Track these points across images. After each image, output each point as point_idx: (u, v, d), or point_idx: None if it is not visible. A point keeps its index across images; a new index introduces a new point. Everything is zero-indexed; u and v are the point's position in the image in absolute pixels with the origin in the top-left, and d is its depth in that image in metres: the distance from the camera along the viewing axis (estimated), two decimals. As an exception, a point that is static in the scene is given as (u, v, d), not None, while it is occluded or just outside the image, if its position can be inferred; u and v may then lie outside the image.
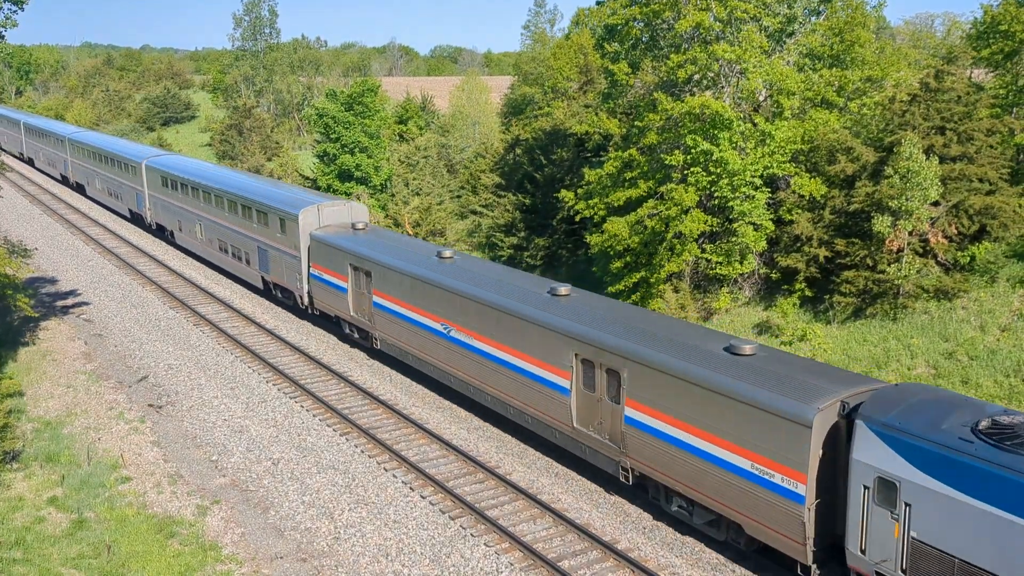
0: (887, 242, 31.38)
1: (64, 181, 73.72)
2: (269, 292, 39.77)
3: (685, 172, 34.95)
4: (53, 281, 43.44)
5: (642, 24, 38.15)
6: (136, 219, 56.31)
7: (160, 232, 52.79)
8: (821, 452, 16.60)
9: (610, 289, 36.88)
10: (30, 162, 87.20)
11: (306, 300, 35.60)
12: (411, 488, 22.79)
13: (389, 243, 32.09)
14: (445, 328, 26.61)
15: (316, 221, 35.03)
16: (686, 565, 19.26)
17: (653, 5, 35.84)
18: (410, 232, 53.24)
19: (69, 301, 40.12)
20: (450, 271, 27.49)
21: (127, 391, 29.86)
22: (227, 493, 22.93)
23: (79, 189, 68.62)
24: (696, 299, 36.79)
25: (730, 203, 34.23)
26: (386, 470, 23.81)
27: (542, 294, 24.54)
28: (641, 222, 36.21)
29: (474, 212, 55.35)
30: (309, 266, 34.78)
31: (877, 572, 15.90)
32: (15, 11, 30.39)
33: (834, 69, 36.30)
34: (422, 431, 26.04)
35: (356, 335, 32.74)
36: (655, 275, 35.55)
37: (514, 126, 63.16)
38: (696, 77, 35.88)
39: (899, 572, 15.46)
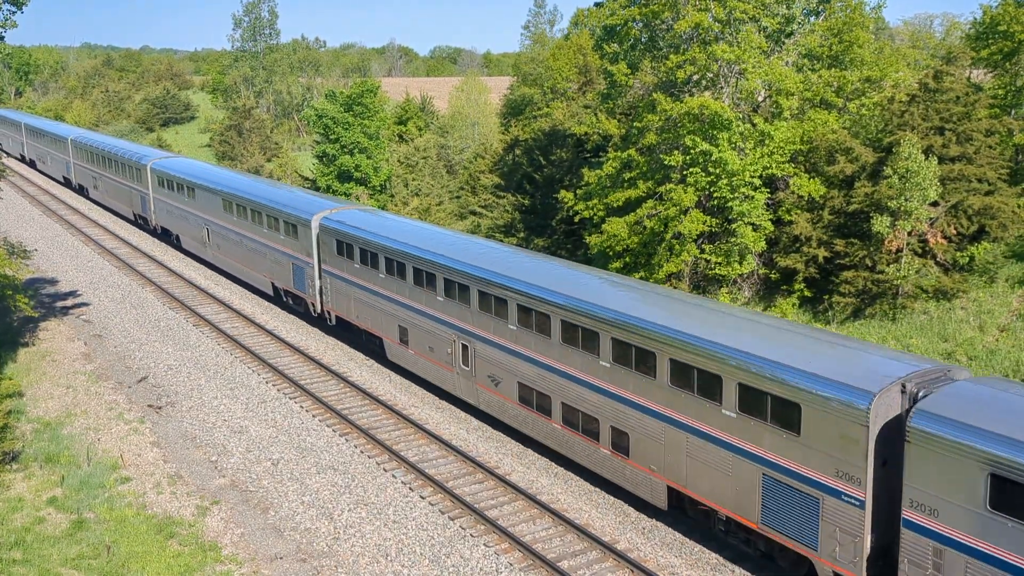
0: (886, 242, 31.42)
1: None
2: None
3: (684, 172, 34.97)
4: (53, 282, 43.45)
5: (641, 25, 38.20)
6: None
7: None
8: None
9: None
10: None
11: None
12: (411, 488, 22.80)
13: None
14: None
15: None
16: (685, 565, 19.27)
17: (652, 6, 35.88)
18: None
19: (69, 302, 40.13)
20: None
21: (127, 392, 29.87)
22: (227, 493, 22.94)
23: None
24: (695, 299, 36.81)
25: (729, 203, 34.25)
26: (385, 470, 23.82)
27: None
28: (640, 222, 36.24)
29: (473, 213, 55.35)
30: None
31: None
32: (14, 12, 30.43)
33: (833, 70, 36.34)
34: (421, 431, 26.05)
35: None
36: (654, 275, 35.56)
37: (513, 127, 63.18)
38: (695, 77, 35.91)
39: None
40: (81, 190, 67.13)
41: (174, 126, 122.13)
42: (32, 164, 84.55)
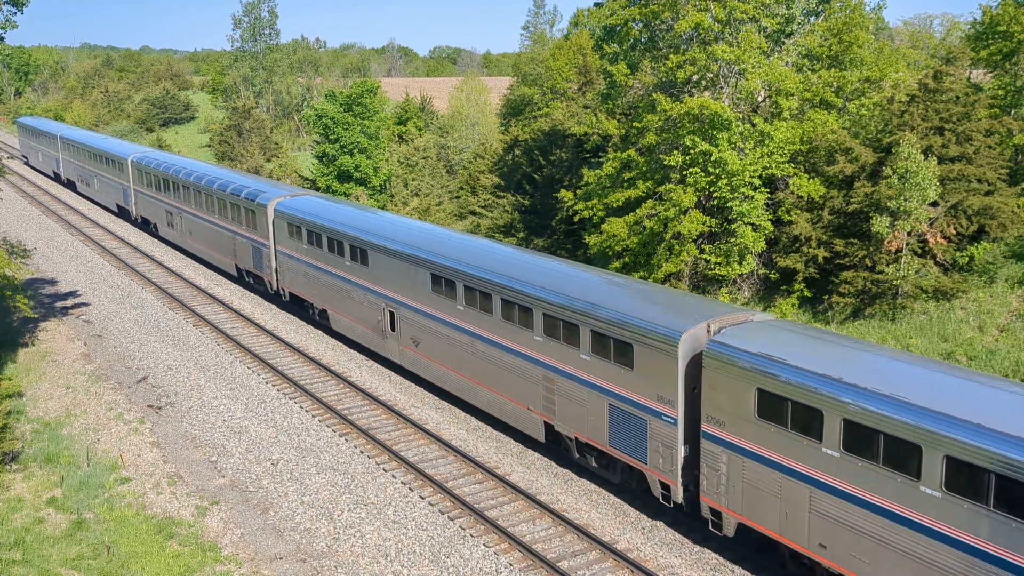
0: (886, 242, 31.43)
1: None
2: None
3: (684, 173, 34.98)
4: (53, 282, 43.46)
5: (641, 25, 38.21)
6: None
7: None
8: None
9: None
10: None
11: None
12: (410, 489, 22.81)
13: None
14: None
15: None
16: (685, 565, 19.28)
17: (652, 6, 35.89)
18: None
19: (68, 302, 40.14)
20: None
21: (126, 392, 29.87)
22: (226, 494, 22.94)
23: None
24: (695, 299, 36.81)
25: (729, 203, 34.26)
26: (385, 471, 23.83)
27: None
28: (640, 222, 36.25)
29: (473, 213, 55.34)
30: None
31: None
32: (15, 12, 30.45)
33: (832, 70, 36.34)
34: (421, 431, 26.06)
35: None
36: (654, 276, 35.57)
37: (513, 127, 63.18)
38: (695, 78, 35.91)
39: None
40: (145, 224, 55.28)
41: (174, 126, 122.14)
42: (71, 186, 71.11)
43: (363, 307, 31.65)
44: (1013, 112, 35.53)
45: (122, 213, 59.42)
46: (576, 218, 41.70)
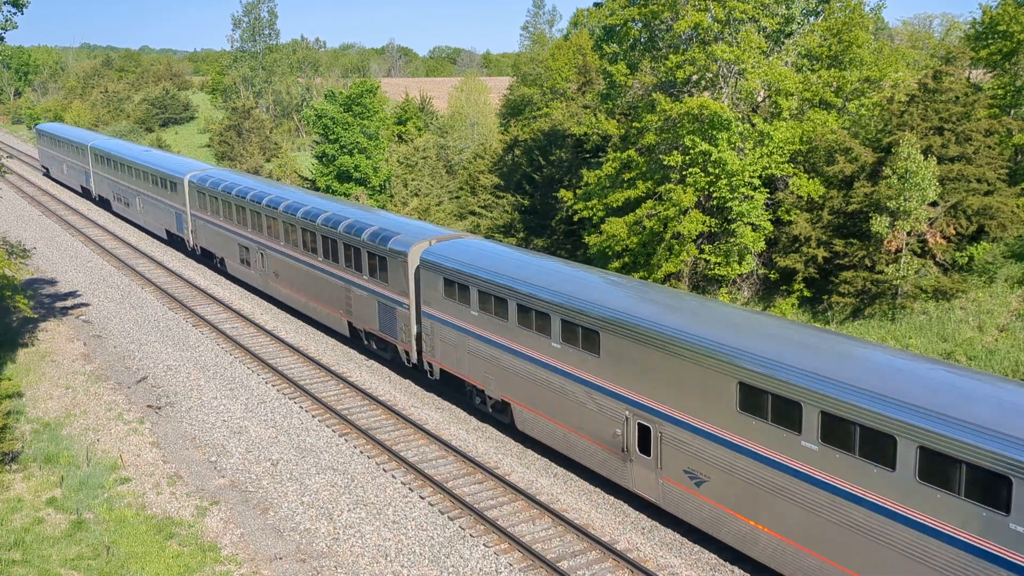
0: (885, 242, 31.44)
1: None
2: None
3: (683, 173, 34.98)
4: (52, 282, 43.45)
5: (640, 25, 38.21)
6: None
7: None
8: None
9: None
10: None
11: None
12: (410, 489, 22.81)
13: None
14: None
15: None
16: (684, 565, 19.29)
17: (652, 6, 35.89)
18: None
19: (68, 302, 40.13)
20: None
21: (126, 392, 29.87)
22: (226, 494, 22.94)
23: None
24: (695, 299, 36.80)
25: (728, 204, 34.27)
26: (385, 471, 23.83)
27: None
28: (639, 222, 36.26)
29: (473, 213, 55.34)
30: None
31: None
32: (15, 13, 30.42)
33: (832, 70, 36.36)
34: (421, 431, 26.06)
35: None
36: (653, 276, 35.58)
37: (513, 127, 63.18)
38: (694, 78, 35.92)
39: None
40: (206, 256, 46.52)
41: (173, 126, 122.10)
42: (104, 204, 63.01)
43: (584, 411, 22.15)
44: (1013, 112, 35.54)
45: (172, 240, 50.86)
46: (576, 218, 41.70)
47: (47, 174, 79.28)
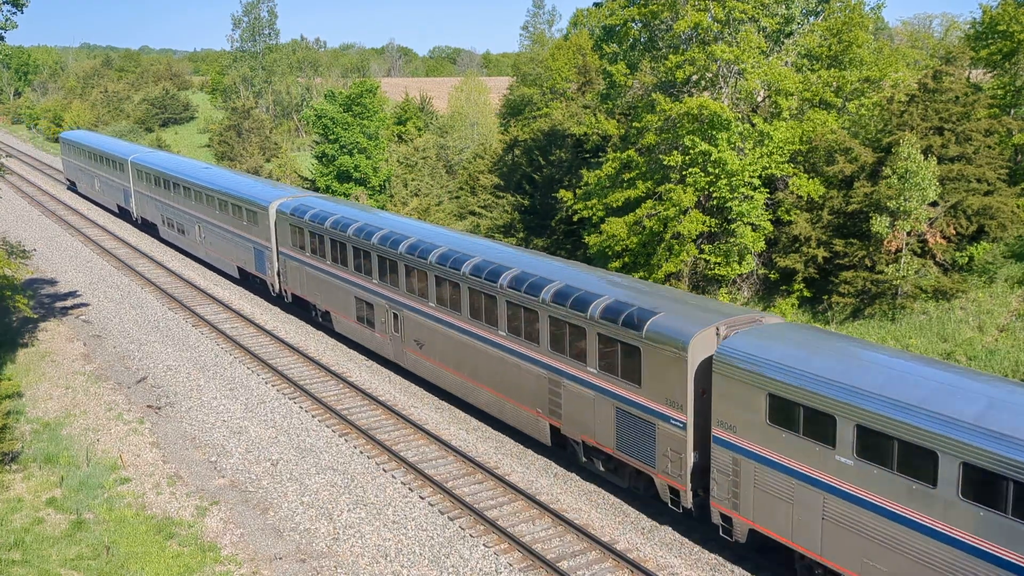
0: (885, 242, 31.42)
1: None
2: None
3: (683, 173, 34.97)
4: (52, 282, 43.44)
5: (640, 25, 38.19)
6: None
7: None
8: None
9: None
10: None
11: None
12: (410, 489, 22.81)
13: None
14: None
15: None
16: (684, 565, 19.28)
17: (651, 6, 35.87)
18: None
19: (68, 302, 40.13)
20: None
21: (126, 392, 29.87)
22: (226, 494, 22.94)
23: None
24: (695, 299, 36.78)
25: (728, 204, 34.26)
26: (385, 471, 23.83)
27: None
28: (639, 222, 36.25)
29: (472, 213, 55.33)
30: None
31: None
32: (15, 12, 30.44)
33: (832, 70, 36.34)
34: (421, 432, 26.06)
35: None
36: (653, 276, 35.58)
37: (512, 127, 63.17)
38: (694, 78, 35.90)
39: None
40: (299, 303, 37.53)
41: (173, 126, 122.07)
42: (151, 228, 54.04)
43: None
44: (1013, 112, 35.52)
45: (246, 280, 42.47)
46: (576, 218, 41.68)
47: (72, 188, 70.88)
